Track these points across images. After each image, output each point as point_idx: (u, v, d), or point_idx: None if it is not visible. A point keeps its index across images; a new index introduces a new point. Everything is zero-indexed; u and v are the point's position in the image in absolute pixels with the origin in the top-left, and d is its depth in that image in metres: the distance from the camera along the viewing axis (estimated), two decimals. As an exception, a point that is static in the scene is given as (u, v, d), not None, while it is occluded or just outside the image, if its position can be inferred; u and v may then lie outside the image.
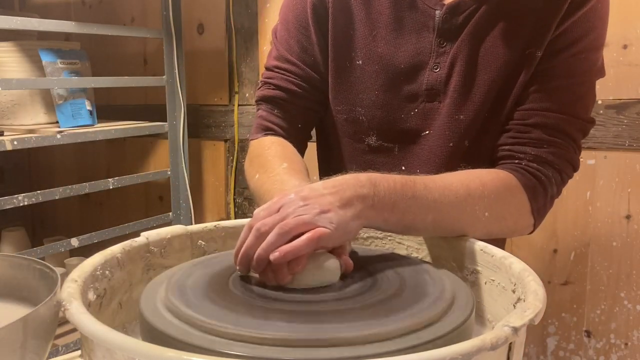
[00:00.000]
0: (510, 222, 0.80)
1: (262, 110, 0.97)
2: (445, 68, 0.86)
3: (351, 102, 0.92)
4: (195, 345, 0.48)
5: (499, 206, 0.76)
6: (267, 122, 0.96)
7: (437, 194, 0.70)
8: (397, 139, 0.91)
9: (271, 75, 0.97)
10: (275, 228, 0.59)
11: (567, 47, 0.81)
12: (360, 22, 0.90)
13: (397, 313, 0.53)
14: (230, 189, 2.06)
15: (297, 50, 0.94)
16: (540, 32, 0.81)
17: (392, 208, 0.65)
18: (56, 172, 2.53)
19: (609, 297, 1.51)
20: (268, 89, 0.96)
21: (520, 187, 0.79)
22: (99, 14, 2.27)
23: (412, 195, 0.67)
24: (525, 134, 0.83)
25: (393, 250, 0.76)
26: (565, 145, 0.82)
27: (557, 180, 0.83)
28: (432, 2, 0.87)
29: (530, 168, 0.81)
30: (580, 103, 0.83)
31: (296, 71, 0.94)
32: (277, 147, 0.90)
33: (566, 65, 0.82)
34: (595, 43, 0.83)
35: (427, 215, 0.68)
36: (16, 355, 0.46)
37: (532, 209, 0.81)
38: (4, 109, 1.72)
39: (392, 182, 0.66)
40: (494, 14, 0.84)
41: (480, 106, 0.85)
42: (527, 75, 0.83)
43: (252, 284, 0.61)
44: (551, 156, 0.82)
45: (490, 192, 0.75)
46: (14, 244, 2.17)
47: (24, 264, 0.58)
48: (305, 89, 0.95)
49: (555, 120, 0.82)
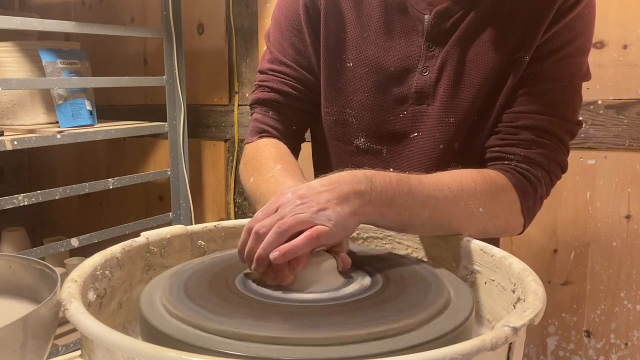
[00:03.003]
0: (503, 220, 0.81)
1: (256, 113, 0.97)
2: (434, 72, 0.87)
3: (341, 104, 0.93)
4: (195, 345, 0.48)
5: (491, 203, 0.77)
6: (261, 124, 0.95)
7: (431, 189, 0.70)
8: (385, 141, 0.92)
9: (265, 78, 0.96)
10: (273, 228, 0.59)
11: (554, 51, 0.83)
12: (351, 25, 0.90)
13: (397, 313, 0.53)
14: (230, 189, 2.06)
15: (291, 52, 0.94)
16: (528, 37, 0.82)
17: (389, 203, 0.65)
18: (56, 172, 2.53)
19: (609, 297, 1.51)
20: (262, 92, 0.96)
21: (510, 186, 0.80)
22: (99, 14, 2.28)
23: (407, 190, 0.67)
24: (514, 136, 0.84)
25: (393, 250, 0.76)
26: (553, 146, 0.83)
27: (546, 181, 0.84)
28: (421, 7, 0.87)
29: (520, 168, 0.82)
30: (567, 105, 0.85)
31: (291, 73, 0.94)
32: (272, 148, 0.90)
33: (554, 69, 0.83)
34: (582, 48, 0.84)
35: (423, 211, 0.69)
36: (16, 355, 0.46)
37: (522, 208, 0.81)
38: (4, 109, 1.72)
39: (388, 178, 0.66)
40: (482, 19, 0.85)
41: (469, 109, 0.86)
42: (515, 78, 0.84)
43: (252, 284, 0.61)
44: (540, 157, 0.83)
45: (483, 189, 0.76)
46: (14, 244, 2.17)
47: (24, 264, 0.58)
48: (300, 90, 0.95)
49: (543, 123, 0.83)
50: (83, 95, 1.73)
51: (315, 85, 0.95)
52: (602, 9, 1.41)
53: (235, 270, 0.64)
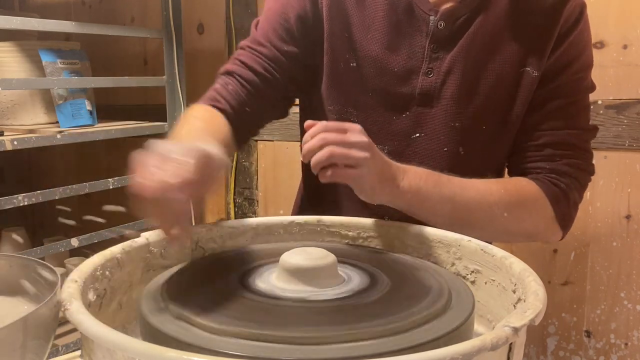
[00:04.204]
0: (530, 225, 0.85)
1: (217, 83, 0.93)
2: (440, 75, 0.87)
3: (343, 103, 0.93)
4: (195, 345, 0.48)
5: (518, 209, 0.83)
6: (216, 93, 0.90)
7: (458, 187, 0.79)
8: (387, 141, 0.91)
9: (241, 53, 0.94)
10: (349, 141, 0.69)
11: (565, 68, 0.87)
12: (355, 25, 0.90)
13: (397, 312, 0.53)
14: (230, 189, 2.06)
15: (274, 39, 0.92)
16: (535, 53, 0.86)
17: (417, 192, 0.76)
18: (56, 172, 2.53)
19: (609, 297, 1.51)
20: (233, 65, 0.93)
21: (541, 192, 0.85)
22: (99, 14, 2.27)
23: (434, 184, 0.77)
24: (537, 153, 0.88)
25: (393, 250, 0.76)
26: (577, 155, 0.88)
27: (577, 187, 0.88)
28: (427, 8, 0.87)
29: (550, 178, 0.87)
30: (582, 117, 0.90)
31: (268, 54, 0.92)
32: (206, 114, 0.87)
33: (566, 85, 0.88)
34: (587, 62, 0.90)
35: (445, 205, 0.76)
36: (16, 355, 0.46)
37: (556, 215, 0.86)
38: (4, 109, 1.72)
39: (420, 171, 0.77)
40: (490, 27, 0.86)
41: (477, 117, 0.88)
42: (528, 93, 0.87)
43: (252, 283, 0.61)
44: (566, 167, 0.87)
45: (511, 196, 0.82)
46: (14, 244, 2.17)
47: (24, 264, 0.58)
48: (273, 75, 0.92)
49: (563, 137, 0.87)
50: (83, 95, 1.73)
51: (292, 74, 0.93)
52: (602, 9, 1.41)
53: (235, 270, 0.64)
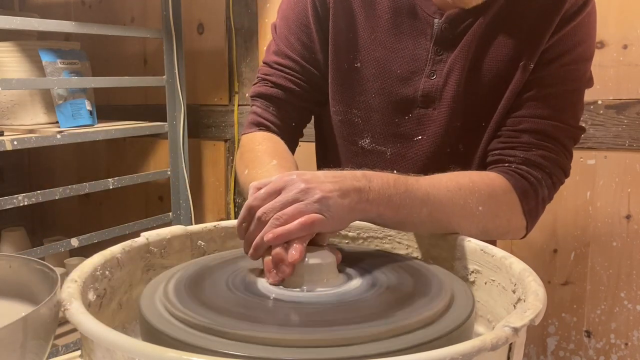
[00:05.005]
0: (504, 220, 0.80)
1: (256, 106, 0.96)
2: (442, 76, 0.87)
3: (347, 104, 0.93)
4: (195, 345, 0.48)
5: (491, 202, 0.77)
6: (260, 118, 0.95)
7: (429, 187, 0.71)
8: (390, 143, 0.92)
9: (269, 72, 0.96)
10: (272, 219, 0.60)
11: (557, 57, 0.83)
12: (360, 25, 0.90)
13: (397, 313, 0.53)
14: (230, 189, 2.06)
15: (298, 47, 0.94)
16: (532, 45, 0.83)
17: (387, 202, 0.66)
18: (56, 172, 2.53)
19: (609, 297, 1.51)
20: (265, 86, 0.96)
21: (510, 187, 0.80)
22: (99, 14, 2.27)
23: (404, 189, 0.68)
24: (515, 139, 0.84)
25: (393, 250, 0.76)
26: (555, 149, 0.84)
27: (548, 184, 0.84)
28: (431, 10, 0.87)
29: (520, 170, 0.82)
30: (569, 111, 0.85)
31: (296, 68, 0.94)
32: (269, 143, 0.90)
33: (556, 74, 0.84)
34: (584, 55, 0.85)
35: (421, 209, 0.69)
36: (16, 355, 0.46)
37: (524, 210, 0.81)
38: (4, 109, 1.72)
39: (386, 178, 0.67)
40: (490, 26, 0.85)
41: (477, 114, 0.87)
42: (519, 84, 0.84)
43: (252, 284, 0.61)
44: (540, 159, 0.83)
45: (481, 188, 0.76)
46: (14, 244, 2.17)
47: (24, 264, 0.58)
48: (304, 87, 0.95)
49: (544, 126, 0.83)
50: (83, 95, 1.73)
51: (320, 82, 0.95)
52: (602, 9, 1.40)
53: (235, 270, 0.64)
